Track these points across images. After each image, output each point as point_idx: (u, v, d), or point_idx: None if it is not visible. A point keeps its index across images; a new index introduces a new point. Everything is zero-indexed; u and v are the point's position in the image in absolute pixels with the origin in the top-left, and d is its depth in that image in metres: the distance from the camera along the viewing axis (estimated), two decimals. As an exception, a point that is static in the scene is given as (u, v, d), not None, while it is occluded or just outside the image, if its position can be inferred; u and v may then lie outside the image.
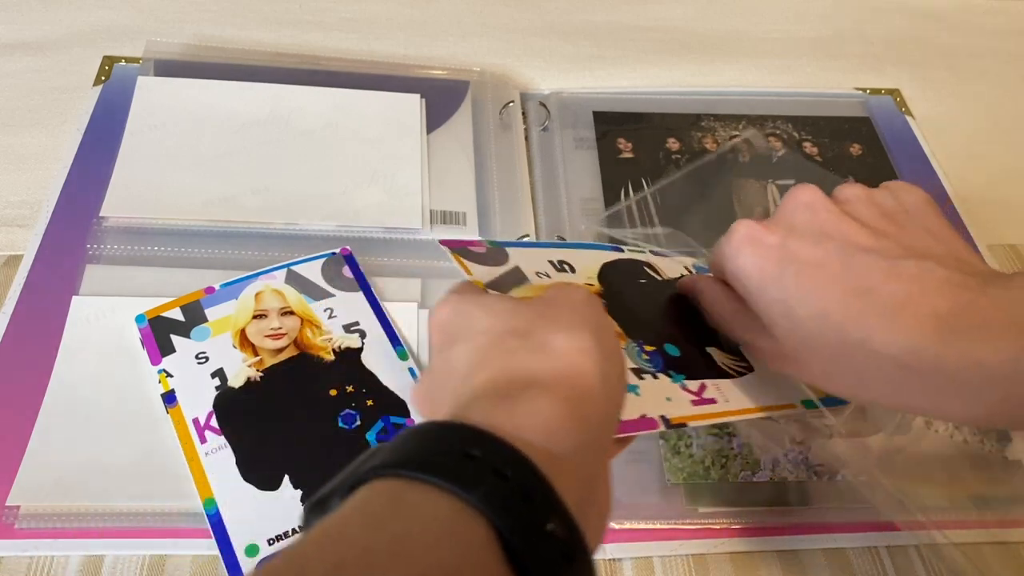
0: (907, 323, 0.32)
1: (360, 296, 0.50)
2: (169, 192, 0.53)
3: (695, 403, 0.40)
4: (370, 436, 0.44)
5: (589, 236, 0.56)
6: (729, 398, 0.41)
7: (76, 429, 0.43)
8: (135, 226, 0.52)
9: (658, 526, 0.44)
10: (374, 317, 0.49)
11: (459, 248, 0.42)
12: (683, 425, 0.38)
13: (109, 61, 0.63)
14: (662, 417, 0.37)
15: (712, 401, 0.40)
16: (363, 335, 0.48)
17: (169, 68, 0.62)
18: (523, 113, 0.64)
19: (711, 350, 0.43)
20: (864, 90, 0.70)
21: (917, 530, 0.44)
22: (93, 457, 0.42)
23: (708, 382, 0.41)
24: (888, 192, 0.39)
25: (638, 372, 0.39)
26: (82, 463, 0.42)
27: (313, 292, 0.50)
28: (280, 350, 0.47)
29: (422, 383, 0.33)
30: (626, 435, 0.36)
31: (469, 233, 0.55)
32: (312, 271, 0.51)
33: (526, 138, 0.63)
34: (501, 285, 0.40)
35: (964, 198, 0.62)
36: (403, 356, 0.48)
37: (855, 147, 0.65)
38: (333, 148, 0.58)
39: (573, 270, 0.45)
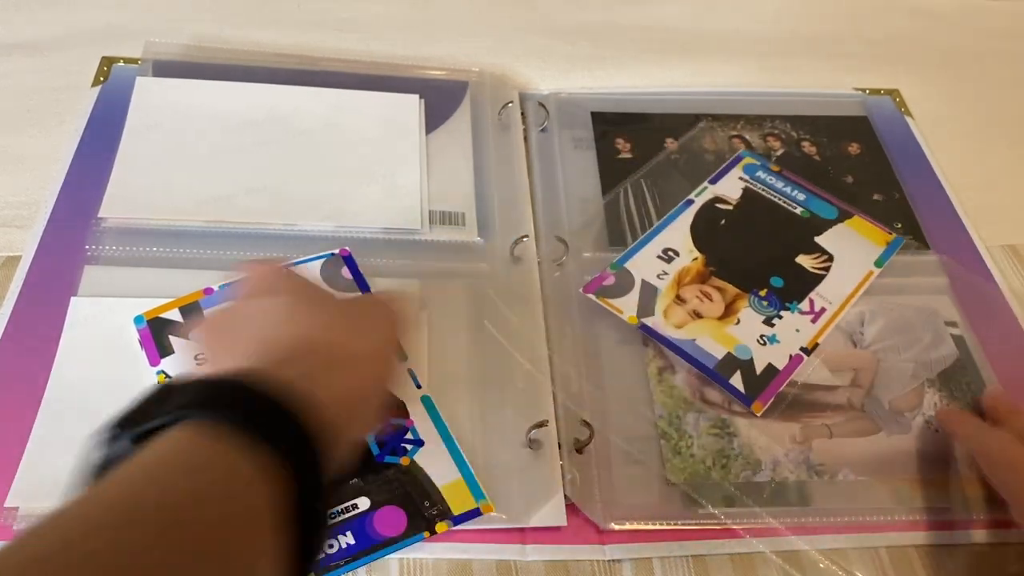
0: None
1: None
2: (168, 193, 0.53)
3: (814, 319, 0.52)
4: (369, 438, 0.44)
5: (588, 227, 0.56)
6: (831, 299, 0.53)
7: (75, 430, 0.43)
8: (134, 227, 0.52)
9: (658, 527, 0.44)
10: None
11: (598, 289, 0.52)
12: (816, 345, 0.50)
13: (108, 62, 0.63)
14: (801, 348, 0.50)
15: (823, 311, 0.52)
16: None
17: (168, 68, 0.62)
18: (522, 113, 0.64)
19: (800, 259, 0.55)
20: (863, 90, 0.70)
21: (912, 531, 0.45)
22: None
23: (812, 295, 0.53)
24: None
25: (768, 321, 0.51)
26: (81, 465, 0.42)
27: None
28: None
29: (218, 318, 0.37)
30: (778, 388, 0.48)
31: (468, 233, 0.55)
32: (311, 273, 0.51)
33: (525, 138, 0.63)
34: (646, 309, 0.51)
35: (963, 198, 0.62)
36: (400, 358, 0.48)
37: (853, 146, 0.65)
38: (332, 149, 0.58)
39: (677, 253, 0.55)
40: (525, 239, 0.55)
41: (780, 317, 0.52)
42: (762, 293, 0.53)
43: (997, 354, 0.52)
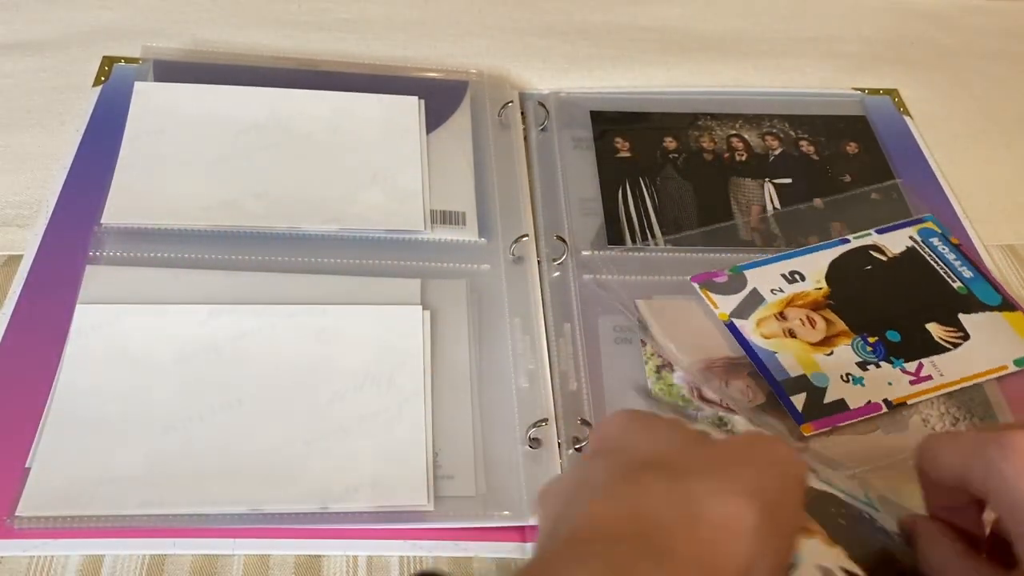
0: None
1: None
2: (169, 199, 0.53)
3: (913, 382, 0.49)
4: None
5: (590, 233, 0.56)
6: (944, 372, 0.50)
7: (83, 439, 0.43)
8: (137, 228, 0.52)
9: (657, 525, 0.44)
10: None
11: (705, 282, 0.52)
12: (904, 404, 0.48)
13: (109, 61, 0.63)
14: (884, 400, 0.48)
15: (928, 378, 0.49)
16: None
17: (168, 68, 0.62)
18: (522, 113, 0.65)
19: (930, 326, 0.52)
20: (862, 90, 0.70)
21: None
22: (101, 467, 0.42)
23: (925, 360, 0.50)
24: None
25: (863, 364, 0.49)
26: (90, 473, 0.41)
27: None
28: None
29: (556, 483, 0.29)
30: (837, 423, 0.46)
31: (469, 233, 0.55)
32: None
33: (525, 138, 0.63)
34: (742, 312, 0.51)
35: (962, 198, 0.62)
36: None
37: (851, 145, 0.65)
38: (333, 151, 0.58)
39: (803, 278, 0.54)
40: (525, 238, 0.55)
41: (878, 366, 0.49)
42: (871, 340, 0.51)
43: (994, 353, 0.52)
